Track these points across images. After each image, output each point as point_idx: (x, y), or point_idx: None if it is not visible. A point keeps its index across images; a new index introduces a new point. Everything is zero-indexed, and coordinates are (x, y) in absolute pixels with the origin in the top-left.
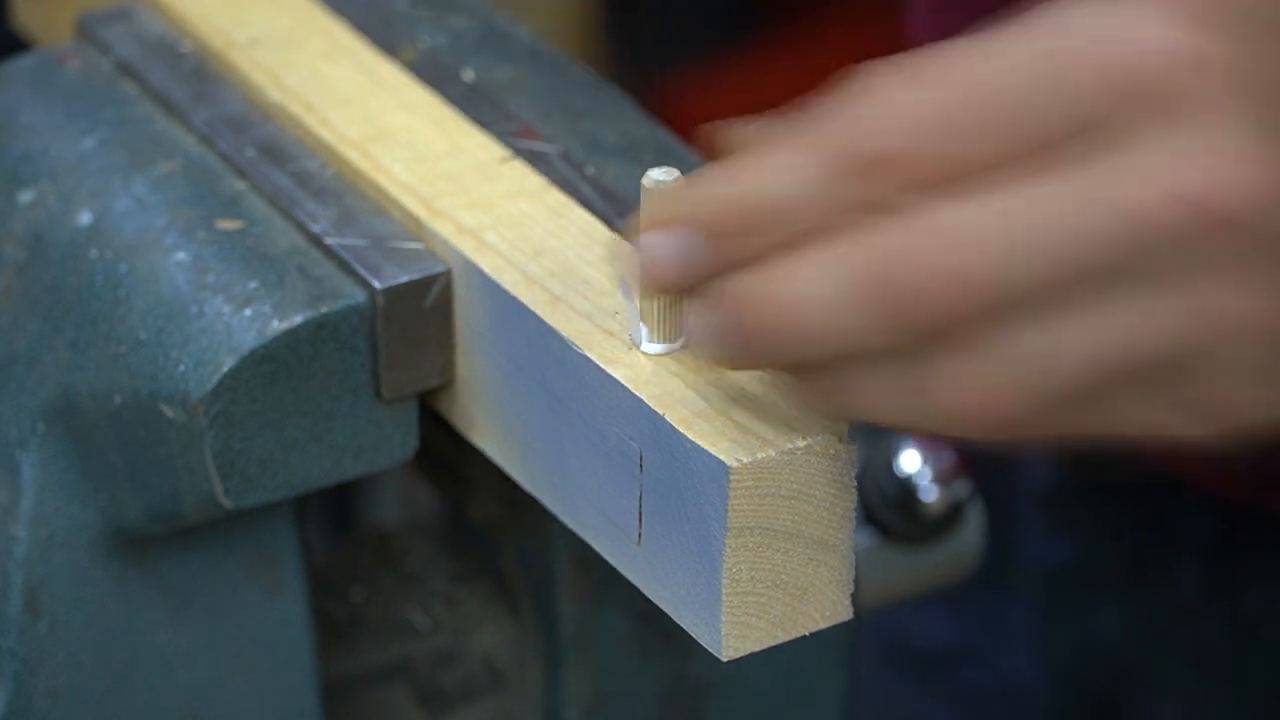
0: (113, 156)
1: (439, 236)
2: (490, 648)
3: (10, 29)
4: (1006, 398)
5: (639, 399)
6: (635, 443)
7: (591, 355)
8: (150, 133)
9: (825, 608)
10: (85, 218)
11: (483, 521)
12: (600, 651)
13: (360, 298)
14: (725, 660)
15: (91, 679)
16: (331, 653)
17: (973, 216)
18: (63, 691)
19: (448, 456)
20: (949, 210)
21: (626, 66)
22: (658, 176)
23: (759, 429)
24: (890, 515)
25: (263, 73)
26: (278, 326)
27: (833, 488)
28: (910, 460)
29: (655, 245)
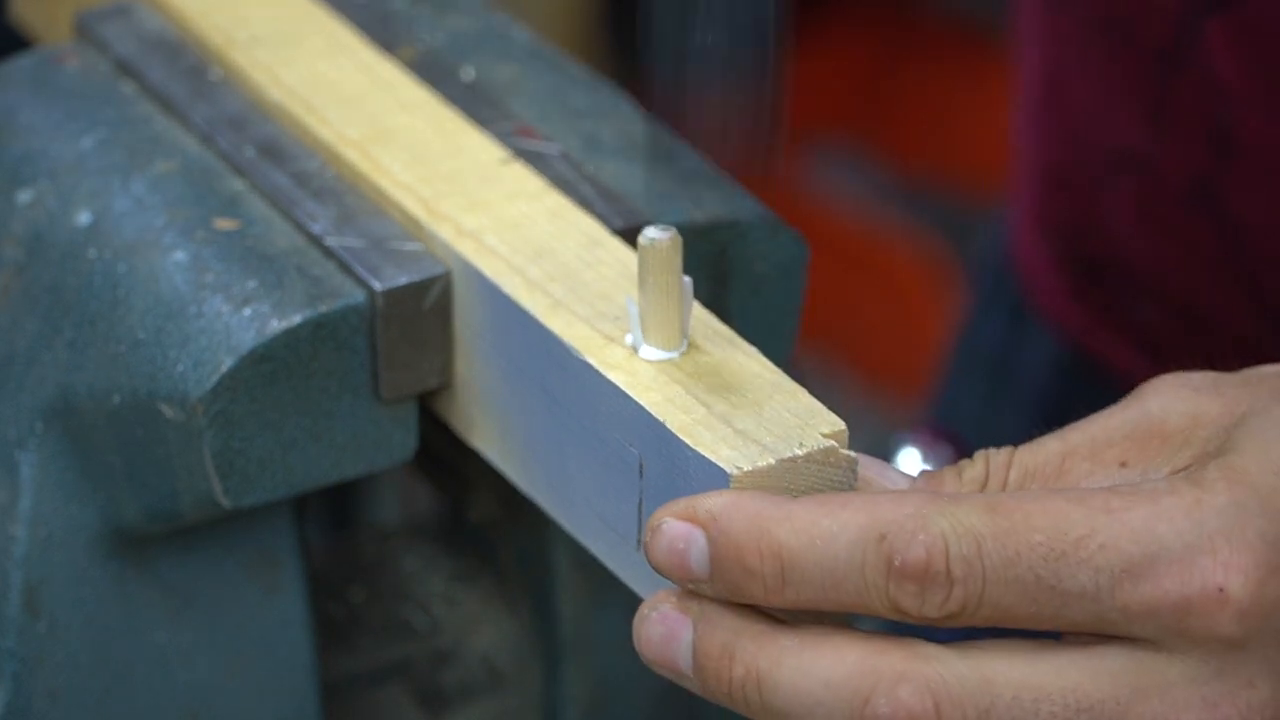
0: (112, 156)
1: (439, 239)
2: (489, 647)
3: (9, 24)
4: None
5: (639, 405)
6: (635, 449)
7: (592, 361)
8: (149, 132)
9: None
10: (84, 217)
11: (482, 521)
12: (600, 651)
13: (359, 298)
14: None
15: (91, 679)
16: (331, 653)
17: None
18: (62, 691)
19: (448, 456)
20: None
21: (626, 66)
22: (654, 235)
23: (759, 437)
24: None
25: (262, 71)
26: (277, 326)
27: None
28: (909, 460)
29: (675, 532)
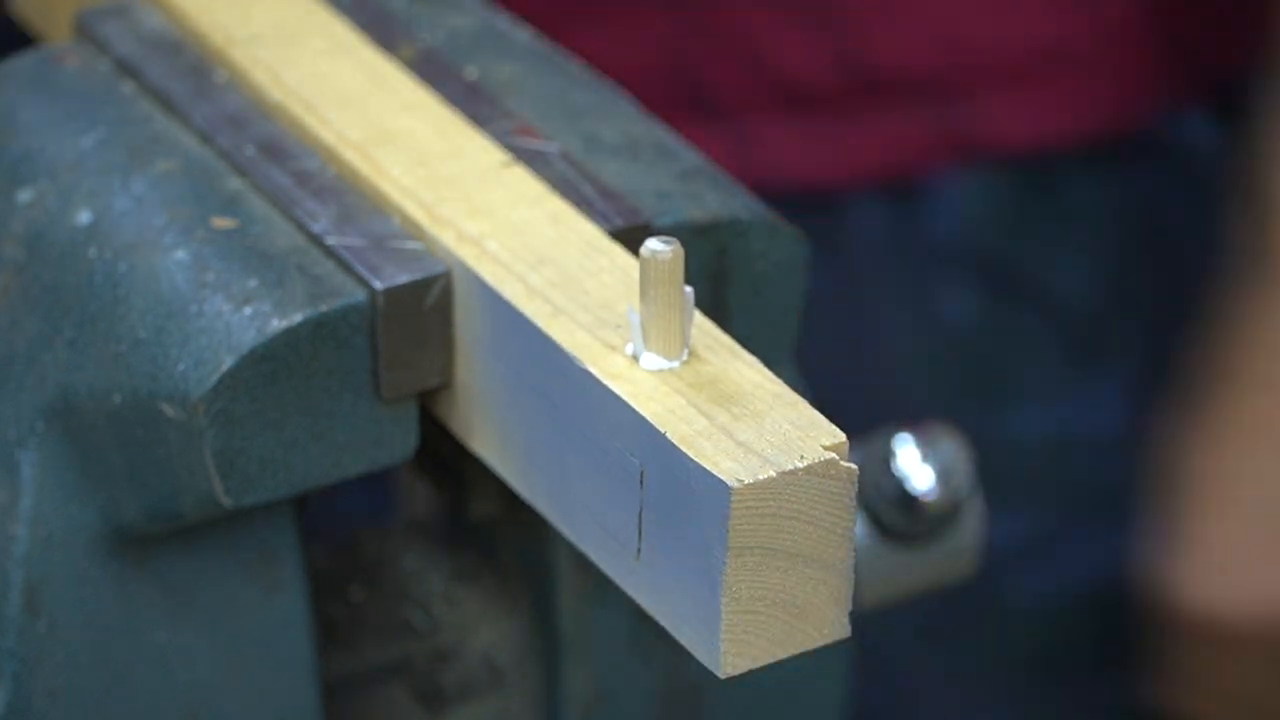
0: (112, 155)
1: (440, 244)
2: (490, 646)
3: (9, 19)
4: None
5: (640, 416)
6: (636, 459)
7: (593, 370)
8: (149, 131)
9: (824, 626)
10: (84, 217)
11: (482, 520)
12: (600, 651)
13: (360, 297)
14: (723, 678)
15: (91, 679)
16: (331, 652)
17: None
18: (62, 691)
19: (448, 455)
20: None
21: None
22: (655, 248)
23: (761, 449)
24: (889, 513)
25: (263, 70)
26: (277, 325)
27: (833, 508)
28: (909, 458)
29: None
